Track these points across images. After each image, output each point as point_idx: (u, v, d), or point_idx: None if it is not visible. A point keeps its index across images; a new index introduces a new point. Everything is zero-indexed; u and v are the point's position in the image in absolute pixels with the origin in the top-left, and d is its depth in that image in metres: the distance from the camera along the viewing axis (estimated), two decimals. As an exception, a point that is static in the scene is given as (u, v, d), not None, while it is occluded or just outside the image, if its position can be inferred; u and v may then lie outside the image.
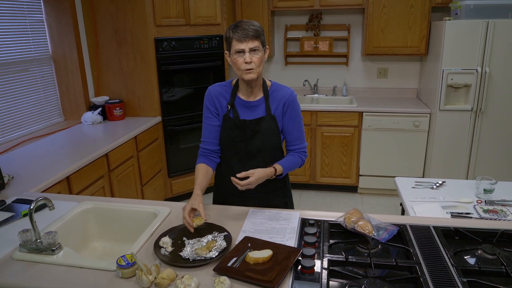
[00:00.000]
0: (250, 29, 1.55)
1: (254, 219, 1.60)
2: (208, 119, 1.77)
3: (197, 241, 1.43)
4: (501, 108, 3.48)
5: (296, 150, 1.78)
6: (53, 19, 3.31)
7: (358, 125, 3.89)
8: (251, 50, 1.56)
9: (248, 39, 1.54)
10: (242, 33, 1.54)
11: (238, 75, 1.63)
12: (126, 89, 3.62)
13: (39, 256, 1.39)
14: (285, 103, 1.72)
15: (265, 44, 1.62)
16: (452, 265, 1.27)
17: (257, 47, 1.56)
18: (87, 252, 1.76)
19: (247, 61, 1.55)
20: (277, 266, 1.26)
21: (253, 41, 1.55)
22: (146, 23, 3.37)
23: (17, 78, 3.04)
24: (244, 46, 1.55)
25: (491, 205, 1.95)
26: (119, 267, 1.24)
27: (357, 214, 1.50)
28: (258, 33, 1.57)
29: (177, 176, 3.84)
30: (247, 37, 1.54)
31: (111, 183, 2.83)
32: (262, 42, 1.59)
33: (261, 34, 1.59)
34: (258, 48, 1.57)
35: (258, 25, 1.59)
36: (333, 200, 4.00)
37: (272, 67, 4.58)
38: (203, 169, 1.72)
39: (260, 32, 1.59)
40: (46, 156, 2.56)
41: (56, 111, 3.49)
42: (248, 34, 1.54)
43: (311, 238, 1.40)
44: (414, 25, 3.83)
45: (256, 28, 1.57)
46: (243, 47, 1.55)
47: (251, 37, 1.54)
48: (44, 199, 1.45)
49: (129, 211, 1.76)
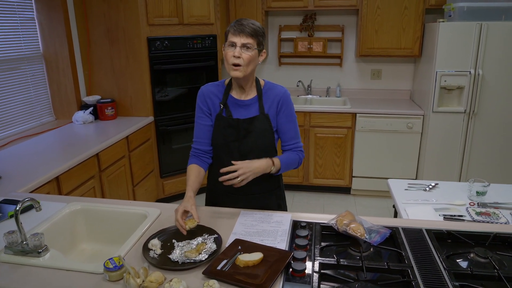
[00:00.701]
0: (248, 26, 1.55)
1: (245, 221, 1.58)
2: (200, 119, 1.75)
3: (187, 243, 1.40)
4: (494, 110, 3.49)
5: (293, 149, 1.77)
6: (44, 17, 3.26)
7: (351, 126, 3.88)
8: (243, 46, 1.55)
9: (243, 35, 1.54)
10: (239, 27, 1.54)
11: (227, 70, 1.61)
12: (118, 88, 3.58)
13: (24, 258, 1.36)
14: (278, 101, 1.70)
15: (261, 45, 1.61)
16: (444, 269, 1.26)
17: (250, 45, 1.55)
18: (76, 254, 1.73)
19: (235, 55, 1.54)
20: (268, 270, 1.24)
21: (247, 37, 1.54)
22: (139, 22, 3.34)
23: (7, 76, 3.00)
24: (237, 40, 1.54)
25: (484, 207, 1.95)
26: (107, 270, 1.22)
27: (349, 217, 1.48)
28: (255, 32, 1.56)
29: (169, 177, 3.81)
30: (242, 32, 1.54)
31: (102, 184, 2.80)
32: (258, 42, 1.58)
33: (258, 34, 1.58)
34: (251, 46, 1.55)
35: (258, 26, 1.59)
36: (326, 202, 3.99)
37: (265, 68, 4.56)
38: (195, 170, 1.70)
39: (258, 32, 1.58)
40: (35, 156, 2.52)
41: (47, 110, 3.45)
42: (244, 29, 1.54)
43: (303, 241, 1.38)
44: (408, 27, 3.83)
45: (255, 27, 1.57)
46: (236, 40, 1.55)
47: (246, 33, 1.54)
48: (30, 200, 1.42)
49: (118, 212, 1.73)
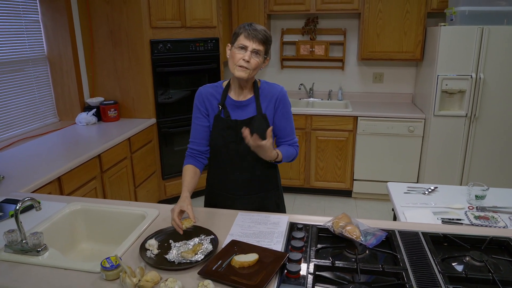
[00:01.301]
0: (261, 32, 1.58)
1: (243, 222, 1.59)
2: (198, 119, 1.77)
3: (184, 244, 1.42)
4: (496, 114, 3.49)
5: (290, 144, 1.79)
6: (48, 19, 3.30)
7: (352, 129, 3.89)
8: (253, 51, 1.58)
9: (256, 40, 1.57)
10: (253, 32, 1.57)
11: (231, 69, 1.63)
12: (121, 90, 3.61)
13: (24, 257, 1.38)
14: (276, 100, 1.73)
15: (268, 53, 1.65)
16: (439, 272, 1.26)
17: (260, 52, 1.59)
18: (75, 254, 1.75)
19: (245, 59, 1.57)
20: (263, 271, 1.25)
21: (259, 44, 1.57)
22: (142, 24, 3.37)
23: (12, 78, 3.03)
24: (249, 44, 1.57)
25: (483, 211, 1.95)
26: (103, 269, 1.23)
27: (345, 219, 1.49)
28: (266, 40, 1.60)
29: (171, 178, 3.82)
30: (255, 38, 1.56)
31: (103, 184, 2.82)
32: (266, 50, 1.63)
33: (268, 42, 1.62)
34: (260, 52, 1.59)
35: (269, 34, 1.63)
36: (327, 205, 4.00)
37: (268, 71, 4.58)
38: (191, 170, 1.72)
39: (269, 40, 1.62)
40: (38, 157, 2.55)
41: (51, 112, 3.48)
42: (257, 35, 1.57)
43: (298, 243, 1.39)
44: (410, 31, 3.84)
45: (267, 35, 1.61)
46: (248, 44, 1.57)
47: (259, 39, 1.57)
48: (30, 199, 1.44)
49: (117, 212, 1.75)
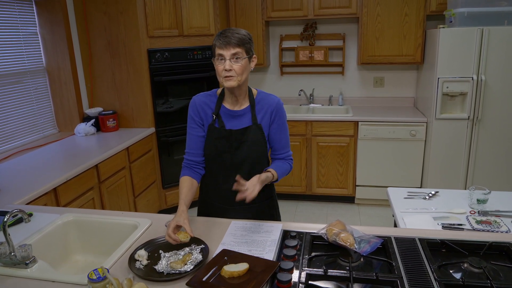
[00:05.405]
0: (233, 36, 1.53)
1: (235, 231, 1.56)
2: (193, 129, 1.74)
3: (174, 254, 1.39)
4: (498, 116, 3.43)
5: (284, 158, 1.76)
6: (46, 31, 3.33)
7: (354, 134, 3.85)
8: (233, 57, 1.53)
9: (230, 46, 1.52)
10: (224, 40, 1.53)
11: (220, 82, 1.61)
12: (119, 100, 3.61)
13: (12, 269, 1.36)
14: (272, 111, 1.69)
15: (250, 52, 1.59)
16: (435, 279, 1.22)
17: (239, 55, 1.54)
18: (69, 265, 1.73)
19: (226, 68, 1.53)
20: (253, 280, 1.21)
21: (234, 48, 1.53)
22: (139, 34, 3.38)
23: (10, 90, 3.05)
24: (225, 52, 1.53)
25: (485, 215, 1.90)
26: (90, 281, 1.21)
27: (339, 226, 1.45)
28: (241, 41, 1.54)
29: (172, 187, 3.80)
30: (228, 44, 1.52)
31: (101, 195, 2.80)
32: (246, 50, 1.56)
33: (245, 42, 1.56)
34: (240, 55, 1.54)
35: (244, 33, 1.57)
36: (329, 211, 3.95)
37: (267, 77, 4.57)
38: (187, 183, 1.68)
39: (245, 40, 1.56)
40: (35, 168, 2.54)
41: (50, 123, 3.49)
42: (230, 41, 1.52)
43: (291, 251, 1.36)
44: (409, 34, 3.81)
45: (240, 36, 1.54)
46: (224, 53, 1.53)
47: (233, 44, 1.52)
48: (19, 211, 1.42)
49: (110, 223, 1.73)
